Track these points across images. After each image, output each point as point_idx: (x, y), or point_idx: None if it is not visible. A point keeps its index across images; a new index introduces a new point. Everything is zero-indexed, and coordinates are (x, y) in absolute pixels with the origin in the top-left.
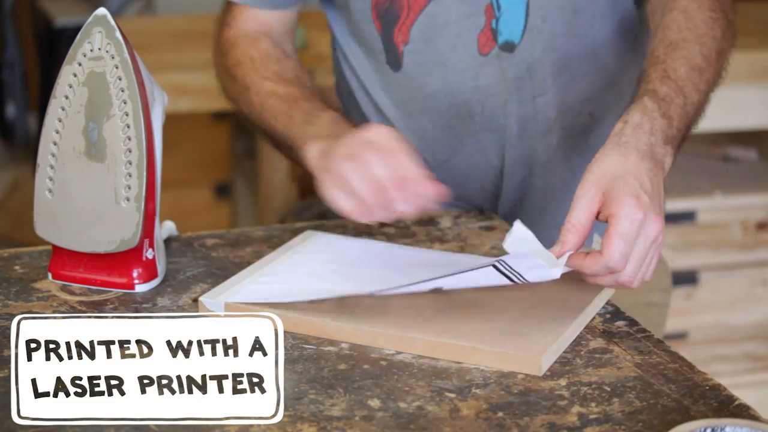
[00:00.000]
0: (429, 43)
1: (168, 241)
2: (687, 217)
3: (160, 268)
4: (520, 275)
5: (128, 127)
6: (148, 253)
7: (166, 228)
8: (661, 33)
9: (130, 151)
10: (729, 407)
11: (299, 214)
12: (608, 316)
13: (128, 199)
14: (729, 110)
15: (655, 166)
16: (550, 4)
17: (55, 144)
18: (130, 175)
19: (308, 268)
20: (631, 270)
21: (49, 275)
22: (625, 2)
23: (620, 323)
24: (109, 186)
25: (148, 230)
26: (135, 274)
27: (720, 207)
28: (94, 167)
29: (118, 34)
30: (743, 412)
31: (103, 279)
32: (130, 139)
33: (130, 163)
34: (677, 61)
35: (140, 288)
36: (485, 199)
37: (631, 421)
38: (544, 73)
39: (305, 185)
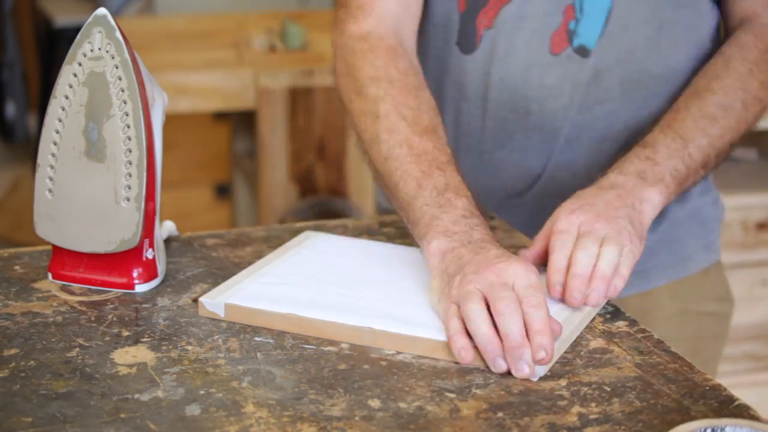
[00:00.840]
0: (508, 33)
1: (168, 241)
2: None
3: (160, 268)
4: None
5: (128, 127)
6: (148, 253)
7: (166, 228)
8: (696, 78)
9: (130, 151)
10: (729, 407)
11: (299, 214)
12: (608, 316)
13: (128, 199)
14: None
15: (617, 196)
16: (633, 15)
17: (55, 144)
18: (130, 175)
19: (308, 270)
20: (581, 263)
21: (49, 275)
22: (711, 29)
23: (620, 323)
24: (109, 186)
25: (148, 230)
26: (135, 274)
27: None
28: (94, 167)
29: (118, 34)
30: (743, 412)
31: (103, 279)
32: (130, 139)
33: (130, 163)
34: (689, 109)
35: (140, 288)
36: (509, 194)
37: (631, 421)
38: (612, 82)
39: (305, 185)
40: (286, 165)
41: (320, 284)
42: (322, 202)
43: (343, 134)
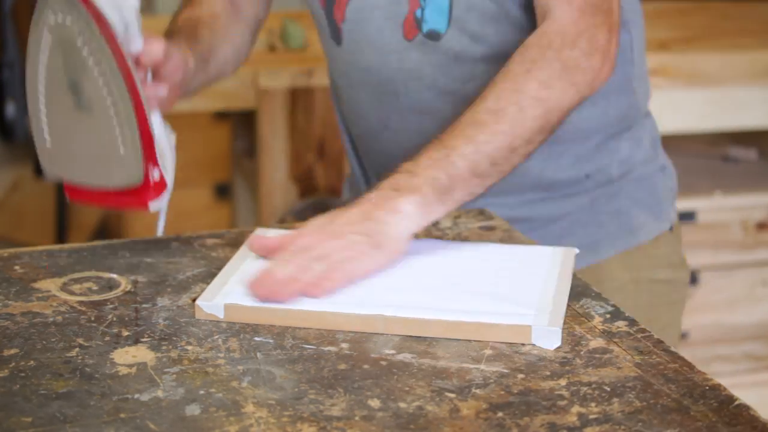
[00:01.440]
0: (361, 23)
1: (168, 241)
2: (687, 217)
3: (169, 176)
4: None
5: (108, 84)
6: (154, 175)
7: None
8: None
9: (116, 105)
10: (729, 407)
11: (299, 214)
12: (608, 316)
13: (125, 145)
14: (729, 110)
15: (361, 213)
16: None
17: (42, 100)
18: (122, 125)
19: None
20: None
21: (67, 197)
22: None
23: (620, 323)
24: (103, 135)
25: (149, 157)
26: (148, 197)
27: (720, 207)
28: (85, 118)
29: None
30: (743, 412)
31: (118, 199)
32: (112, 94)
33: (119, 115)
34: (460, 118)
35: (153, 206)
36: None
37: (631, 421)
38: (471, 63)
39: (305, 185)
40: (286, 165)
41: None
42: (322, 202)
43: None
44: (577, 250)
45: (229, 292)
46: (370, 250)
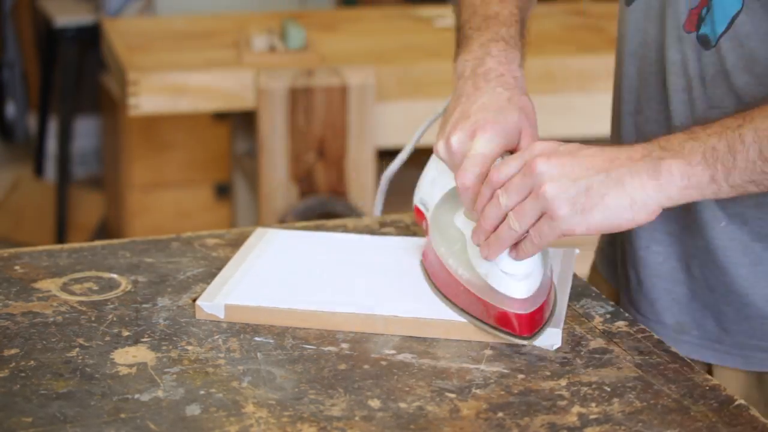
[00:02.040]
0: None
1: (168, 241)
2: None
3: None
4: None
5: None
6: None
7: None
8: None
9: None
10: (729, 407)
11: (299, 214)
12: (608, 316)
13: None
14: None
15: (612, 156)
16: (758, 26)
17: None
18: None
19: (289, 265)
20: (505, 200)
21: None
22: None
23: (620, 323)
24: None
25: None
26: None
27: None
28: None
29: None
30: (743, 412)
31: None
32: None
33: None
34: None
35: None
36: None
37: (631, 421)
38: (725, 90)
39: (305, 185)
40: (286, 165)
41: (308, 277)
42: (322, 202)
43: (343, 134)
44: (577, 251)
45: (229, 292)
46: (601, 205)
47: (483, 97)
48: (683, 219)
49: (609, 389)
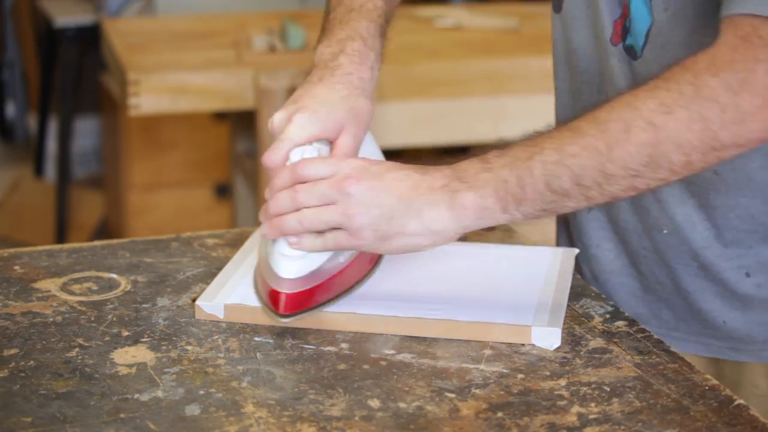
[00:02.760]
0: (586, 2)
1: (168, 241)
2: None
3: None
4: None
5: None
6: None
7: None
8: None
9: None
10: (729, 407)
11: None
12: (608, 316)
13: None
14: None
15: (415, 183)
16: (671, 36)
17: None
18: None
19: None
20: (276, 203)
21: None
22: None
23: (620, 323)
24: None
25: None
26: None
27: None
28: None
29: None
30: (743, 412)
31: None
32: None
33: None
34: (578, 120)
35: None
36: None
37: (631, 421)
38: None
39: None
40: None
41: None
42: None
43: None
44: (577, 251)
45: (229, 293)
46: (401, 234)
47: (320, 89)
48: (629, 222)
49: (608, 389)
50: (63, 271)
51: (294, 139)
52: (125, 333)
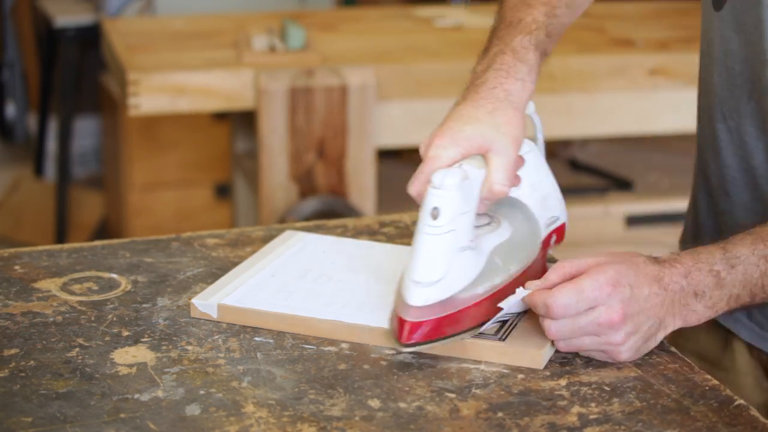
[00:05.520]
0: (749, 5)
1: (168, 241)
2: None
3: None
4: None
5: None
6: None
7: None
8: None
9: None
10: (729, 407)
11: (299, 214)
12: None
13: None
14: None
15: (664, 299)
16: None
17: None
18: None
19: (296, 269)
20: (558, 329)
21: None
22: None
23: None
24: None
25: None
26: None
27: None
28: None
29: None
30: (743, 412)
31: None
32: None
33: None
34: None
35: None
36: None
37: (631, 421)
38: None
39: (305, 185)
40: (286, 165)
41: (311, 283)
42: (322, 202)
43: (343, 134)
44: None
45: (228, 293)
46: (628, 357)
47: (464, 108)
48: None
49: (609, 389)
50: (63, 271)
51: (434, 161)
52: (125, 333)
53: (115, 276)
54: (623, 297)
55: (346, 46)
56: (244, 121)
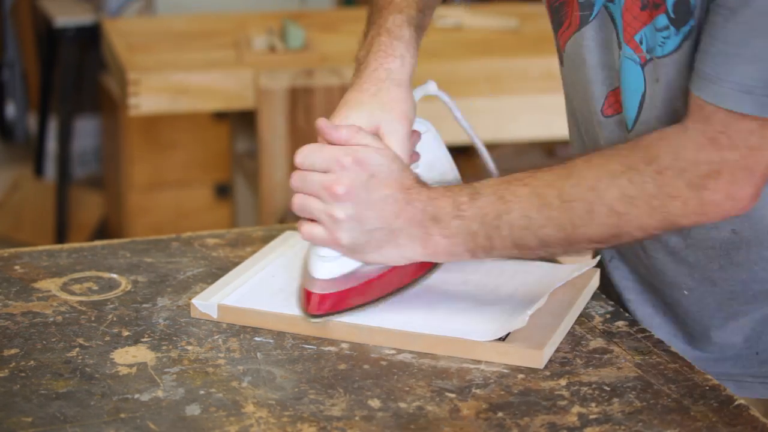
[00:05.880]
0: (575, 66)
1: (168, 241)
2: None
3: None
4: None
5: None
6: None
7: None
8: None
9: None
10: (729, 407)
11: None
12: (608, 316)
13: None
14: None
15: (400, 211)
16: (660, 107)
17: None
18: None
19: (295, 269)
20: (294, 178)
21: None
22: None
23: (620, 323)
24: None
25: None
26: None
27: None
28: None
29: None
30: (743, 412)
31: None
32: None
33: None
34: (543, 174)
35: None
36: None
37: (631, 421)
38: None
39: None
40: (286, 165)
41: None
42: None
43: None
44: (596, 270)
45: (228, 293)
46: (377, 252)
47: (350, 94)
48: (654, 278)
49: (609, 389)
50: (63, 271)
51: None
52: (125, 333)
53: (115, 276)
54: (356, 178)
55: (346, 46)
56: (244, 121)
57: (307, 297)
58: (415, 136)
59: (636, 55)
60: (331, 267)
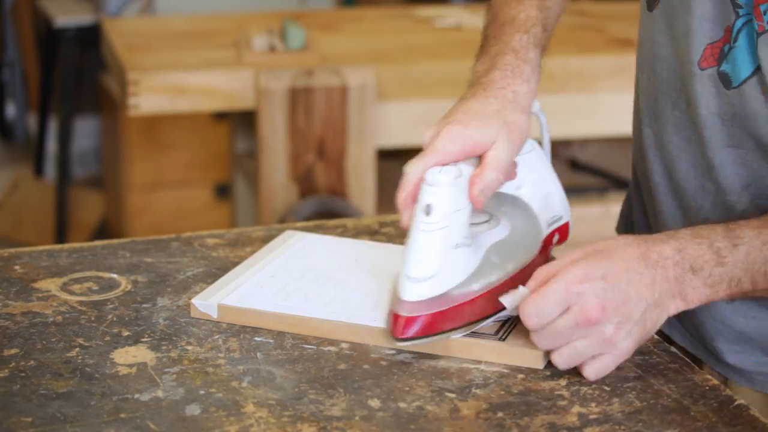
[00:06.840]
0: (676, 13)
1: (168, 241)
2: None
3: None
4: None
5: None
6: None
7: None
8: None
9: None
10: (729, 407)
11: (299, 214)
12: None
13: None
14: None
15: (654, 278)
16: None
17: None
18: None
19: (296, 269)
20: (539, 339)
21: None
22: None
23: None
24: None
25: None
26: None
27: None
28: None
29: None
30: (743, 412)
31: None
32: None
33: None
34: None
35: None
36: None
37: (631, 421)
38: (746, 130)
39: (305, 185)
40: (286, 165)
41: (311, 283)
42: (322, 202)
43: (343, 134)
44: None
45: (228, 293)
46: (628, 340)
47: (472, 103)
48: None
49: (609, 389)
50: (63, 271)
51: (437, 154)
52: (125, 333)
53: (115, 276)
54: (596, 290)
55: (346, 46)
56: (244, 121)
57: (394, 320)
58: (512, 167)
59: (755, 23)
60: (421, 289)
